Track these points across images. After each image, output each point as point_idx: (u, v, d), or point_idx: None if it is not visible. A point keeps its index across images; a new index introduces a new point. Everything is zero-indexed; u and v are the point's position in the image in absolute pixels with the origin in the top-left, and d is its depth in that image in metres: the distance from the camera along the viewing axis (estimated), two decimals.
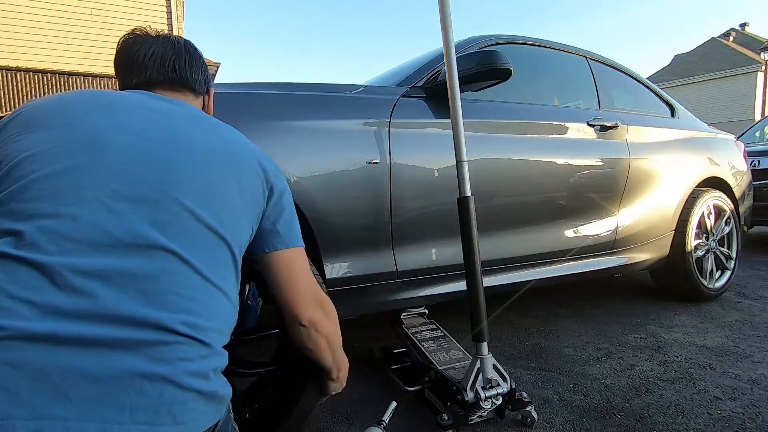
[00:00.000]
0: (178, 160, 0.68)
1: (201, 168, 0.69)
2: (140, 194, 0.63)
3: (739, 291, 2.65)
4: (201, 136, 0.73)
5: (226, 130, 0.80)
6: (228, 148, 0.76)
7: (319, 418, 1.32)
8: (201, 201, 0.67)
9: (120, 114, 0.70)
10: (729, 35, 25.25)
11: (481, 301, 1.28)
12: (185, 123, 0.75)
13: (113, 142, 0.66)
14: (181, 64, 0.86)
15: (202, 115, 0.81)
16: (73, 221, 0.59)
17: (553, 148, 1.87)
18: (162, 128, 0.71)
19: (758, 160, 3.82)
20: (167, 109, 0.75)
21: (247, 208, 0.75)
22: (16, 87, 6.68)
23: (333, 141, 1.35)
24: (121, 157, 0.65)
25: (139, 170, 0.64)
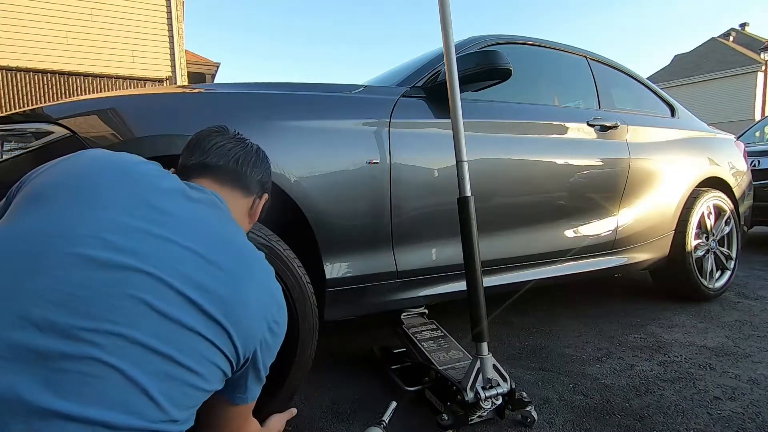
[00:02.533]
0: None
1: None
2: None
3: (739, 291, 2.65)
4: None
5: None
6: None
7: (319, 418, 1.32)
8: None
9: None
10: (729, 35, 25.25)
11: (481, 301, 1.28)
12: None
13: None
14: (245, 159, 0.86)
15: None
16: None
17: (553, 148, 1.87)
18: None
19: (758, 160, 3.82)
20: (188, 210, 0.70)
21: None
22: (16, 87, 6.67)
23: (333, 141, 1.35)
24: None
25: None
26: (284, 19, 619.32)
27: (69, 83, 6.95)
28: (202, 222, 0.69)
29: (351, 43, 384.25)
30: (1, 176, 1.04)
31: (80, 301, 0.55)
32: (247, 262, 0.72)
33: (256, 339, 0.70)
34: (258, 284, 0.71)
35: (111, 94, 1.25)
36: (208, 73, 11.07)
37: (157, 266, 0.60)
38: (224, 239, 0.71)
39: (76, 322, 0.54)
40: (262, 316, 0.70)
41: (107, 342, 0.55)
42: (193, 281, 0.62)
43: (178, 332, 0.59)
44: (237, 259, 0.70)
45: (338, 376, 1.59)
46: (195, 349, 0.61)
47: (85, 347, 0.54)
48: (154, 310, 0.58)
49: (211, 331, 0.63)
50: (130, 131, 1.10)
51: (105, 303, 0.56)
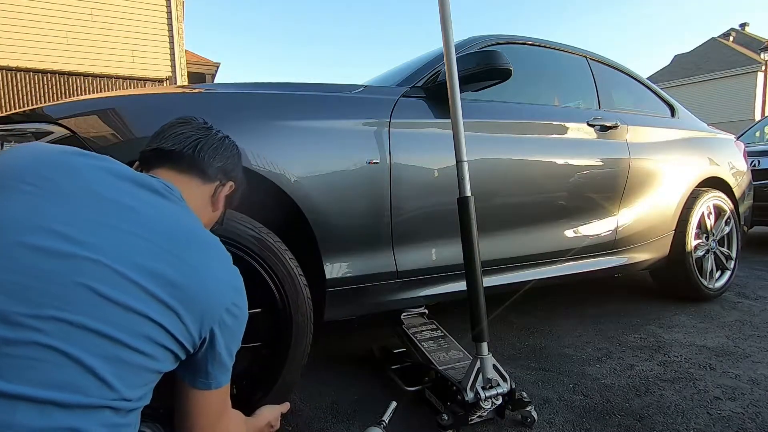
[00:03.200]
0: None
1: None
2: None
3: (739, 291, 2.65)
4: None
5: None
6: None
7: (319, 418, 1.32)
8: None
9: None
10: (729, 35, 25.25)
11: (481, 301, 1.28)
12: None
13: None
14: (204, 146, 0.85)
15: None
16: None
17: (553, 148, 1.87)
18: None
19: (758, 160, 3.82)
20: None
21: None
22: (16, 87, 6.68)
23: (333, 141, 1.35)
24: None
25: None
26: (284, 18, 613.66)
27: (69, 83, 6.96)
28: (154, 210, 0.70)
29: (351, 42, 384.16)
30: None
31: (24, 289, 0.57)
32: (200, 247, 0.72)
33: (213, 320, 0.70)
34: (212, 267, 0.72)
35: (111, 94, 1.25)
36: (208, 73, 11.07)
37: (106, 255, 0.61)
38: (177, 226, 0.71)
39: (19, 309, 0.56)
40: (218, 298, 0.71)
41: (51, 327, 0.56)
42: (144, 268, 0.63)
43: (125, 316, 0.61)
44: (189, 245, 0.70)
45: (338, 376, 1.59)
46: (142, 331, 0.62)
47: (27, 333, 0.55)
48: (101, 296, 0.60)
49: (160, 314, 0.63)
50: (130, 131, 1.10)
51: (50, 290, 0.58)
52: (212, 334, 0.71)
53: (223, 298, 0.71)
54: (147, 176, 0.75)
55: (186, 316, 0.66)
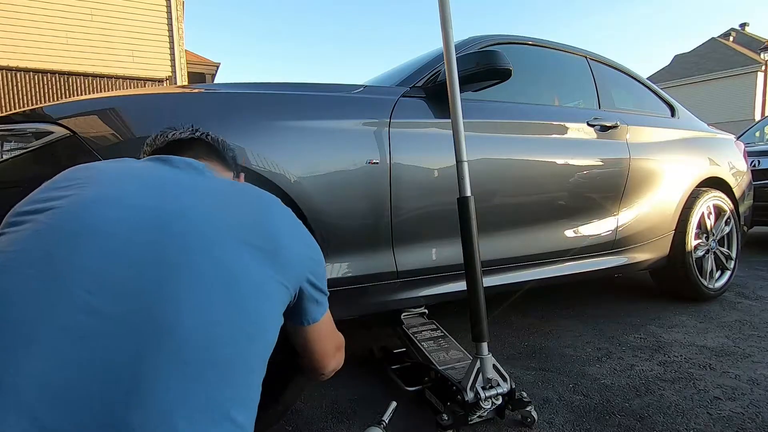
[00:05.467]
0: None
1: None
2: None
3: (739, 291, 2.65)
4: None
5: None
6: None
7: (319, 418, 1.32)
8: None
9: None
10: (729, 35, 25.26)
11: (481, 301, 1.28)
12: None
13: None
14: (213, 136, 0.84)
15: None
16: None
17: (553, 148, 1.87)
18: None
19: (758, 160, 3.82)
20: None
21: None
22: (16, 87, 6.68)
23: (333, 141, 1.35)
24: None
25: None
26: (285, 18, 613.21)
27: (69, 83, 6.96)
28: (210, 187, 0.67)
29: (352, 41, 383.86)
30: (1, 176, 1.04)
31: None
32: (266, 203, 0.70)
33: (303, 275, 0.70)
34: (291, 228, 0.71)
35: (111, 94, 1.25)
36: (208, 73, 11.08)
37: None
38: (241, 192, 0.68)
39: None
40: (303, 254, 0.70)
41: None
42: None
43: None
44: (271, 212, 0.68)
45: (338, 376, 1.59)
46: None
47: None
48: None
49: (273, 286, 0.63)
50: (130, 131, 1.10)
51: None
52: (302, 287, 0.71)
53: (306, 253, 0.71)
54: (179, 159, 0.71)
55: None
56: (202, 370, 0.49)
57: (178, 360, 0.47)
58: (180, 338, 0.48)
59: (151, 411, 0.44)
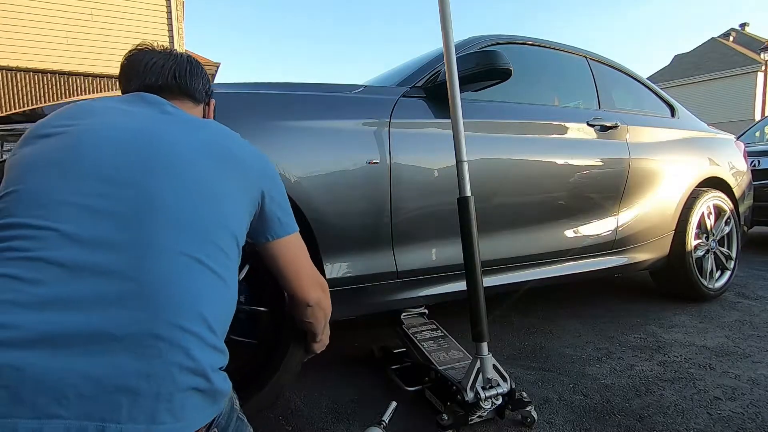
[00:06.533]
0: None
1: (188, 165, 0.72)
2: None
3: (739, 291, 2.65)
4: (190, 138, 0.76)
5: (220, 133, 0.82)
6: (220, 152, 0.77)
7: (319, 418, 1.32)
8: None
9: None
10: (729, 35, 25.25)
11: (481, 301, 1.28)
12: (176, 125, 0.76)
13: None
14: (181, 72, 0.88)
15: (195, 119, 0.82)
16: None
17: (553, 148, 1.87)
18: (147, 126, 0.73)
19: (758, 160, 3.82)
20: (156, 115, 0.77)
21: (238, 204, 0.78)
22: (16, 87, 6.68)
23: (333, 141, 1.35)
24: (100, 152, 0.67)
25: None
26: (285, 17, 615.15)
27: (69, 83, 6.96)
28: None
29: (353, 40, 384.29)
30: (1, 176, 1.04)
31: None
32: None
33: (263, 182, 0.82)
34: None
35: (111, 94, 1.25)
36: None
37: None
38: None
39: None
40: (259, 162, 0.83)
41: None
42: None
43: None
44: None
45: (338, 376, 1.59)
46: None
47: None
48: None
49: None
50: None
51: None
52: (264, 192, 0.81)
53: (259, 165, 0.83)
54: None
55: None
56: (184, 228, 0.65)
57: (167, 219, 0.64)
58: (164, 207, 0.65)
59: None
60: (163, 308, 0.59)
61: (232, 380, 0.71)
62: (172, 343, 0.58)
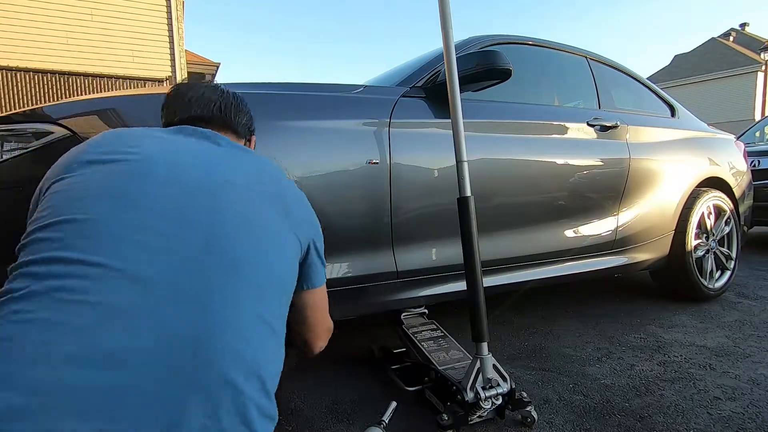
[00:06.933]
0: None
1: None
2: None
3: (739, 291, 2.65)
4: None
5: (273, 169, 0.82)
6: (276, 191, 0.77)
7: (319, 418, 1.32)
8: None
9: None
10: (729, 35, 25.26)
11: (481, 301, 1.28)
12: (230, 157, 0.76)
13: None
14: (227, 106, 0.90)
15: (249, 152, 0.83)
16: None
17: (553, 148, 1.87)
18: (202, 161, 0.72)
19: (758, 160, 3.82)
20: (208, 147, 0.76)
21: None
22: (16, 87, 6.67)
23: (333, 141, 1.35)
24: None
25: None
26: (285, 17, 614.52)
27: (69, 83, 6.95)
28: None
29: (353, 40, 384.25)
30: (1, 176, 1.04)
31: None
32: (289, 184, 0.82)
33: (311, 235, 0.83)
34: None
35: (111, 94, 1.25)
36: (208, 73, 11.07)
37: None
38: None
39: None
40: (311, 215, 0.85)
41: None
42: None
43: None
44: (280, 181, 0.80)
45: (338, 376, 1.59)
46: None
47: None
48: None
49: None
50: None
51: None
52: (311, 243, 0.82)
53: (310, 218, 0.84)
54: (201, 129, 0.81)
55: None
56: (248, 279, 0.63)
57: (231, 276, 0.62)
58: (230, 256, 0.63)
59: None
60: (220, 364, 0.56)
61: None
62: (227, 406, 0.55)
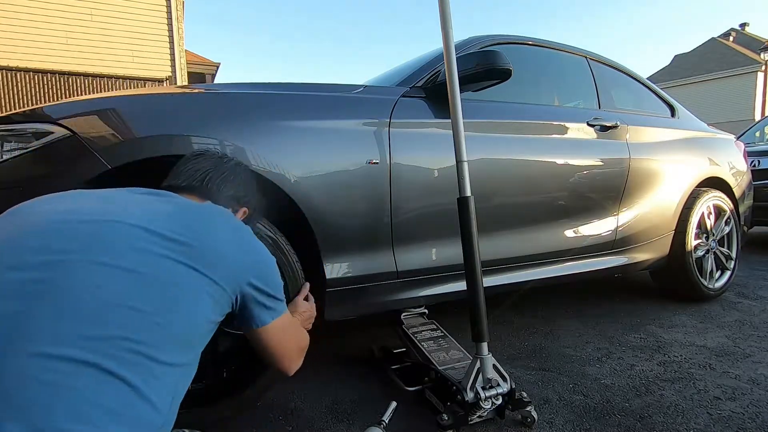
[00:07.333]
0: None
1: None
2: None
3: (739, 291, 2.65)
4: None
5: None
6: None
7: (319, 418, 1.32)
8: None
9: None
10: (729, 35, 25.26)
11: (481, 301, 1.28)
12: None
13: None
14: (216, 176, 0.89)
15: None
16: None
17: (553, 148, 1.87)
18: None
19: (758, 160, 3.82)
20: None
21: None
22: (16, 87, 6.67)
23: (333, 141, 1.35)
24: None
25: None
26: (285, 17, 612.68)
27: (69, 83, 6.95)
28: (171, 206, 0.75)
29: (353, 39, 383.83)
30: (1, 176, 1.04)
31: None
32: (209, 216, 0.76)
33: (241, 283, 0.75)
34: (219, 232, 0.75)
35: (111, 94, 1.25)
36: (208, 73, 11.08)
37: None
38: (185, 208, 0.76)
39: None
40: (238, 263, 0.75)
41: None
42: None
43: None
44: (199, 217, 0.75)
45: (338, 376, 1.59)
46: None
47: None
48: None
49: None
50: (130, 131, 1.10)
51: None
52: (245, 293, 0.76)
53: (246, 259, 0.76)
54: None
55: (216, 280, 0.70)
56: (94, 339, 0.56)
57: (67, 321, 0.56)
58: (73, 306, 0.57)
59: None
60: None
61: (230, 368, 0.72)
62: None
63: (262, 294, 0.78)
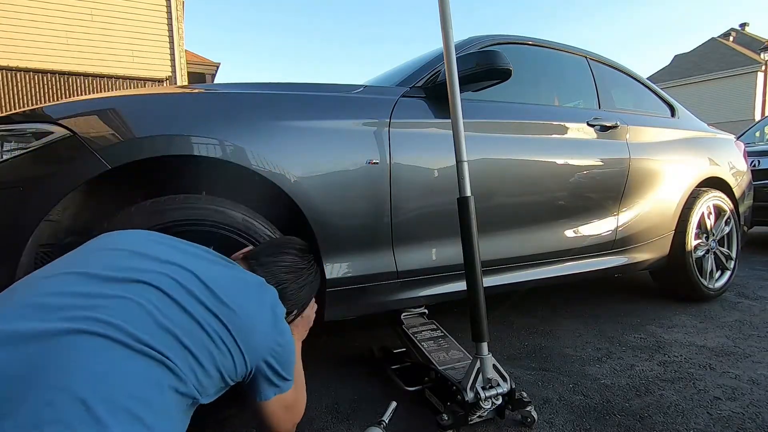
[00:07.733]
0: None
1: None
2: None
3: (739, 291, 2.65)
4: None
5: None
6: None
7: (319, 418, 1.32)
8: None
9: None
10: (729, 35, 25.25)
11: (481, 301, 1.28)
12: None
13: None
14: (290, 286, 0.98)
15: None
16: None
17: (553, 148, 1.87)
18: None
19: (758, 160, 3.82)
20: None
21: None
22: (16, 87, 6.67)
23: (333, 141, 1.35)
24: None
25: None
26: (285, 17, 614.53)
27: (69, 83, 6.95)
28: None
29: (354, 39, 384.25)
30: (1, 176, 1.04)
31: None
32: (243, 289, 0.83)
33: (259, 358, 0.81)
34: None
35: (111, 94, 1.25)
36: (208, 73, 11.07)
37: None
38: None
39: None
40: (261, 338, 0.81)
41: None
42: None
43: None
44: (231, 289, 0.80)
45: (338, 376, 1.59)
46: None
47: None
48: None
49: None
50: (130, 131, 1.10)
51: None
52: (259, 367, 0.81)
53: (272, 339, 0.82)
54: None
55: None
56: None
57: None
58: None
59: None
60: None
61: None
62: None
63: (273, 372, 0.84)
